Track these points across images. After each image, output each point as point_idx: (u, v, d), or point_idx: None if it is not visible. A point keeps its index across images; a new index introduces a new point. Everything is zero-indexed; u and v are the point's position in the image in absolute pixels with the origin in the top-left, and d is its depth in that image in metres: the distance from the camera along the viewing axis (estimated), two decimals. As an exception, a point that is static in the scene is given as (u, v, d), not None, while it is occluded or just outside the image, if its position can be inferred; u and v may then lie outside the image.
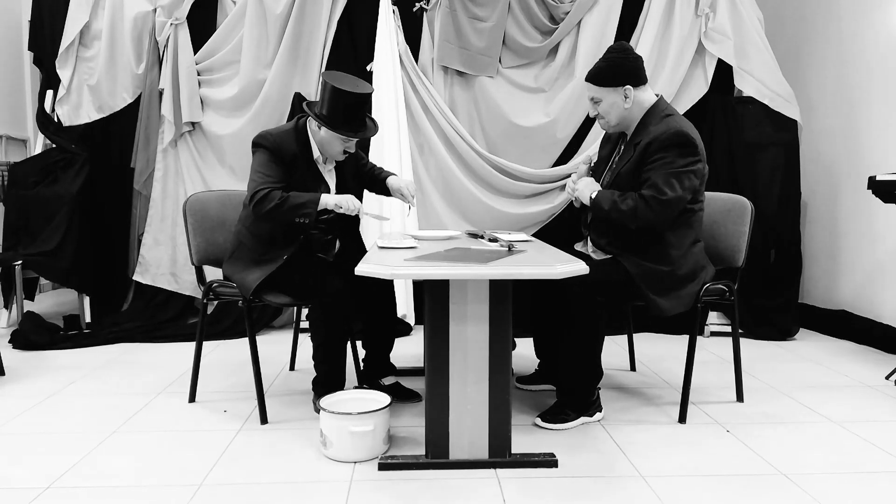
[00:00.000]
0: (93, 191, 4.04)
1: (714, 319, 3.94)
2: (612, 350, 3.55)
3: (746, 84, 3.90)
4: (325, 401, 2.24)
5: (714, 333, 3.90)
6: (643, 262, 2.34)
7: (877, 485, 1.99)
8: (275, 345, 3.67)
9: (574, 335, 2.37)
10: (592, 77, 2.38)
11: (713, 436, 2.36)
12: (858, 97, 3.78)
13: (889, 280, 3.57)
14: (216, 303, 3.84)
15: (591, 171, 2.59)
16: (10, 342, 3.59)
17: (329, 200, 2.40)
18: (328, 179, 2.59)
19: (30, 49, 4.25)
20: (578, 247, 2.66)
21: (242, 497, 1.90)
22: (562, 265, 1.95)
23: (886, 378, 3.03)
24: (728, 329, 3.87)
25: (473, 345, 2.08)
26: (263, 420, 2.48)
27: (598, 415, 2.50)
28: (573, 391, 2.44)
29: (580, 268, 1.99)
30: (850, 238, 3.86)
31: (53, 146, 4.10)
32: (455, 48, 3.95)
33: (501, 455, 2.11)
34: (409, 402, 2.69)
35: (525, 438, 2.32)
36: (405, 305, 3.82)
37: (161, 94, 4.01)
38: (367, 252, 2.39)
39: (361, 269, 1.94)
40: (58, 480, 2.01)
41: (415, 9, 3.94)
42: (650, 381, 3.01)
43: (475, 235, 2.79)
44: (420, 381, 2.92)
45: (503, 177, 4.01)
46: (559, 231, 3.98)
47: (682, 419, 2.49)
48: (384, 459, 2.10)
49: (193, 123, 4.03)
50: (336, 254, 2.71)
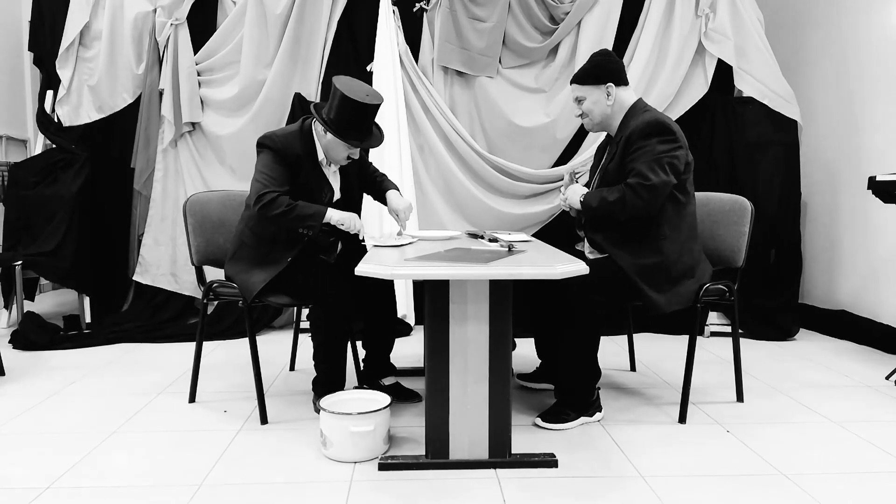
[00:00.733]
0: (93, 191, 4.04)
1: (714, 319, 3.94)
2: (612, 350, 3.55)
3: (746, 84, 3.91)
4: (326, 401, 2.25)
5: (714, 333, 3.90)
6: (638, 258, 2.36)
7: (877, 485, 1.99)
8: (275, 345, 3.67)
9: (573, 335, 2.38)
10: (577, 77, 2.51)
11: (713, 436, 2.36)
12: (858, 97, 3.78)
13: (889, 280, 3.57)
14: (216, 303, 3.84)
15: (577, 179, 2.69)
16: (10, 342, 3.59)
17: (333, 216, 2.40)
18: (332, 182, 2.59)
19: (30, 49, 4.25)
20: (578, 247, 2.67)
21: (242, 497, 1.90)
22: (562, 265, 1.95)
23: (886, 378, 3.03)
24: (728, 329, 3.87)
25: (473, 345, 2.08)
26: (263, 420, 2.48)
27: (598, 415, 2.50)
28: (573, 391, 2.45)
29: (580, 268, 1.99)
30: (850, 238, 3.86)
31: (53, 146, 4.10)
32: (455, 48, 3.95)
33: (501, 455, 2.11)
34: (409, 402, 2.69)
35: (525, 438, 2.32)
36: (405, 305, 3.82)
37: (161, 95, 4.01)
38: (368, 253, 2.39)
39: (361, 269, 1.94)
40: (58, 480, 2.01)
41: (415, 9, 3.95)
42: (650, 381, 3.01)
43: (475, 235, 2.79)
44: (420, 381, 2.92)
45: (503, 177, 4.01)
46: (559, 231, 3.98)
47: (682, 419, 2.49)
48: (384, 459, 2.10)
49: (193, 123, 4.03)
50: (337, 255, 2.71)
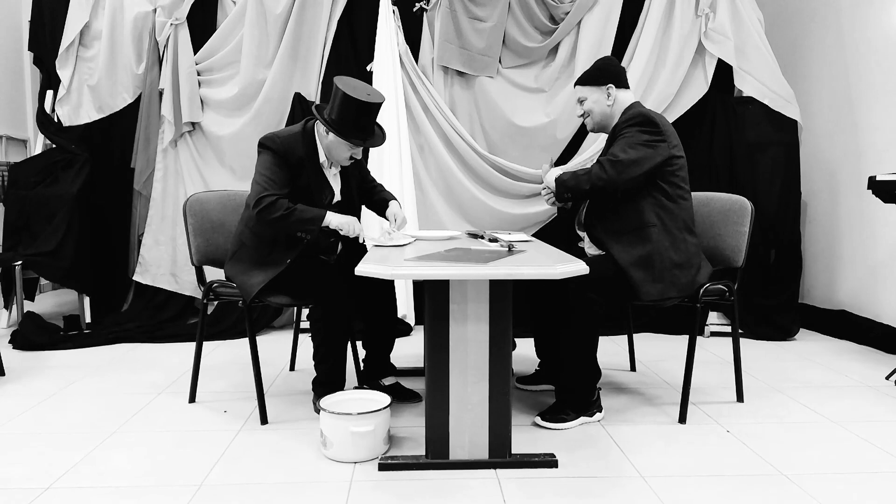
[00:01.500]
0: (93, 191, 4.04)
1: (714, 319, 3.94)
2: (612, 350, 3.55)
3: (746, 84, 3.91)
4: (326, 401, 2.25)
5: (714, 333, 3.90)
6: (630, 249, 2.39)
7: (877, 485, 1.99)
8: (275, 345, 3.67)
9: (572, 334, 2.39)
10: (580, 79, 2.60)
11: (713, 436, 2.36)
12: (858, 97, 3.78)
13: (889, 280, 3.57)
14: (216, 303, 3.84)
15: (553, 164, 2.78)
16: (11, 342, 3.59)
17: (332, 220, 2.40)
18: (333, 184, 2.58)
19: (30, 49, 4.25)
20: (579, 244, 2.68)
21: (242, 497, 1.90)
22: (562, 265, 1.95)
23: (886, 378, 3.03)
24: (728, 329, 3.87)
25: (473, 345, 2.08)
26: (263, 420, 2.48)
27: (598, 415, 2.50)
28: (573, 390, 2.45)
29: (580, 268, 1.99)
30: (850, 238, 3.86)
31: (53, 146, 4.10)
32: (455, 48, 3.95)
33: (501, 455, 2.11)
34: (409, 403, 2.69)
35: (525, 438, 2.32)
36: (405, 305, 3.82)
37: (161, 94, 4.01)
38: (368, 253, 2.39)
39: (361, 270, 1.93)
40: (58, 480, 2.01)
41: (415, 9, 3.95)
42: (650, 381, 3.01)
43: (475, 235, 2.79)
44: (420, 381, 2.92)
45: (503, 177, 4.01)
46: (559, 231, 3.98)
47: (682, 419, 2.50)
48: (384, 459, 2.10)
49: (193, 123, 4.03)
50: (337, 255, 2.71)
